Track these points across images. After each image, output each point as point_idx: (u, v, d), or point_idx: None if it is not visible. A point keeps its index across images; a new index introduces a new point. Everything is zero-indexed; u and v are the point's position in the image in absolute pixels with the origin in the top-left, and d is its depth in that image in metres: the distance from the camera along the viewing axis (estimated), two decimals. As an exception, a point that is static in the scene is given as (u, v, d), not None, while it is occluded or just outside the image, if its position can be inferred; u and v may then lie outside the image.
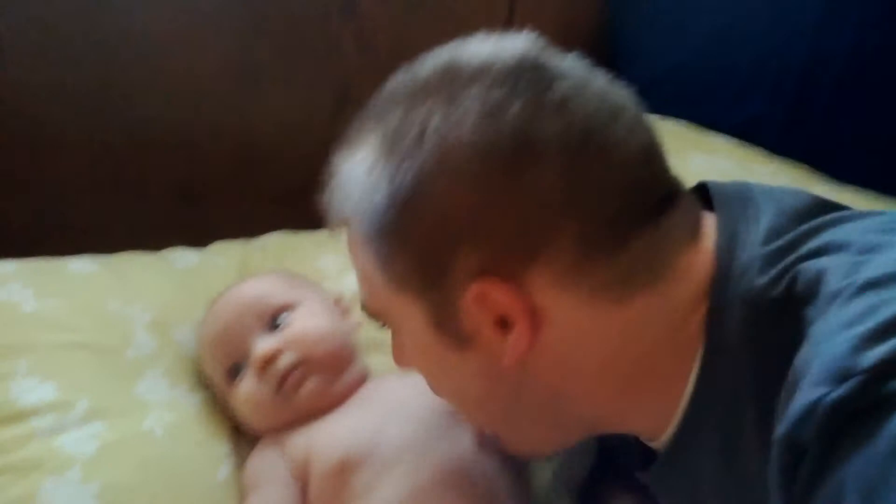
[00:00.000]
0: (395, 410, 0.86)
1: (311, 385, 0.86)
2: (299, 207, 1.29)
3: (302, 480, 0.84)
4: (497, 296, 0.59)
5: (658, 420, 0.64)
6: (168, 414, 0.88)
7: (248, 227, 1.18)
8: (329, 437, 0.85)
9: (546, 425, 0.67)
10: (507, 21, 1.28)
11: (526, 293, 0.59)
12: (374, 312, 0.69)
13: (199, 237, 1.13)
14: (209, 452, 0.88)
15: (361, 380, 0.91)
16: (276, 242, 1.12)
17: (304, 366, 0.86)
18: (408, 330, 0.66)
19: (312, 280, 1.00)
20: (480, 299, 0.59)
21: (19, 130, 1.16)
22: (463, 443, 0.85)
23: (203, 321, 0.94)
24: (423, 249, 0.60)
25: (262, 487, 0.84)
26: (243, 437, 0.91)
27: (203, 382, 0.94)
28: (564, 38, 1.33)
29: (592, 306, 0.59)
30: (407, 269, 0.62)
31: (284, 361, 0.86)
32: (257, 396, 0.87)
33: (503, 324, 0.60)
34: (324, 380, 0.87)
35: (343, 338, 0.91)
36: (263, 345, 0.87)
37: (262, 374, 0.86)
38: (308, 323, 0.89)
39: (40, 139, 1.19)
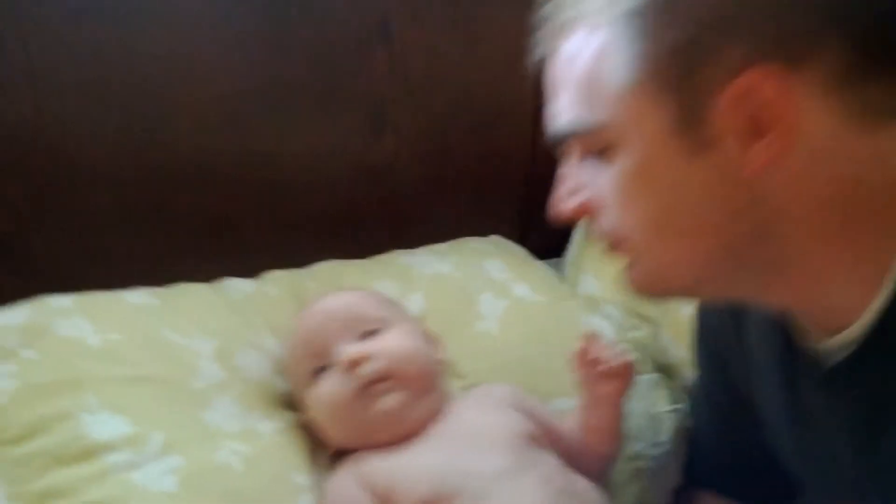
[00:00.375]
0: (478, 440, 0.84)
1: (391, 399, 0.85)
2: (334, 234, 1.29)
3: None
4: (760, 94, 0.56)
5: (854, 296, 0.60)
6: (243, 445, 0.85)
7: (281, 254, 1.15)
8: (415, 468, 0.82)
9: (729, 267, 0.63)
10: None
11: (788, 96, 0.56)
12: (586, 133, 0.64)
13: (232, 266, 1.11)
14: (287, 485, 0.84)
15: (441, 406, 0.89)
16: (327, 270, 1.10)
17: (390, 378, 0.85)
18: (634, 141, 0.61)
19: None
20: (741, 97, 0.56)
21: (47, 161, 1.14)
22: (550, 466, 0.84)
23: (298, 319, 0.93)
24: (686, 38, 0.57)
25: None
26: (322, 467, 0.88)
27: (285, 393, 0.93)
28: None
29: (846, 127, 0.56)
30: (661, 61, 0.58)
31: (372, 367, 0.85)
32: (337, 395, 0.85)
33: (752, 130, 0.57)
34: (405, 398, 0.85)
35: (430, 363, 0.91)
36: (354, 347, 0.86)
37: (348, 374, 0.85)
38: (400, 341, 0.88)
39: (68, 170, 1.16)
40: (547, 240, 1.31)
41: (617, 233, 0.66)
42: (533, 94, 1.32)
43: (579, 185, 0.68)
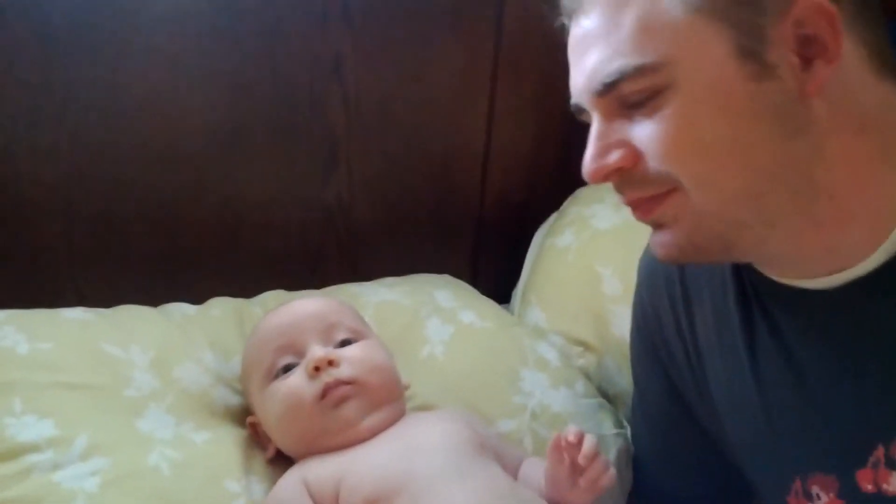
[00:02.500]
0: (424, 445, 0.84)
1: (351, 407, 0.85)
2: (289, 273, 1.28)
3: None
4: (814, 21, 0.61)
5: (866, 234, 0.66)
6: (174, 451, 0.83)
7: (236, 293, 1.14)
8: (360, 468, 0.81)
9: (778, 198, 0.66)
10: (492, 79, 1.31)
11: (835, 25, 0.61)
12: (640, 75, 0.64)
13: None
14: (219, 491, 0.82)
15: (394, 420, 0.88)
16: (273, 298, 1.09)
17: (355, 386, 0.85)
18: (696, 72, 0.63)
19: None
20: (798, 22, 0.61)
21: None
22: (495, 472, 0.83)
23: (269, 314, 0.93)
24: None
25: None
26: (255, 476, 0.86)
27: (243, 376, 0.92)
28: (548, 97, 1.38)
29: (865, 66, 0.65)
30: None
31: (340, 372, 0.85)
32: (299, 395, 0.85)
33: (806, 55, 0.62)
34: (365, 407, 0.85)
35: (395, 378, 0.91)
36: (325, 350, 0.86)
37: (314, 375, 0.85)
38: (369, 352, 0.89)
39: (16, 205, 1.16)
40: (497, 282, 1.32)
41: (664, 181, 0.66)
42: (484, 136, 1.36)
43: (614, 142, 0.67)
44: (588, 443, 0.80)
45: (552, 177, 1.38)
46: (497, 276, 1.35)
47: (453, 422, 0.88)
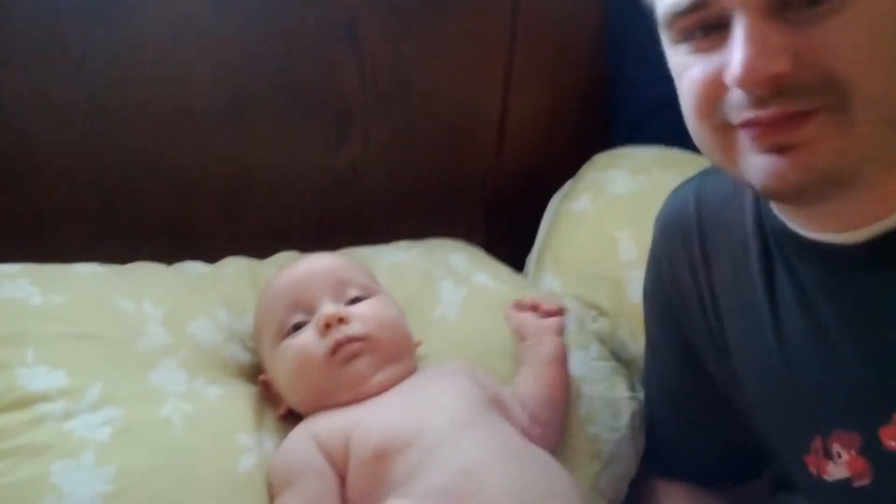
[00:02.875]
0: (434, 400, 0.84)
1: (362, 363, 0.85)
2: (300, 241, 1.27)
3: (340, 469, 0.80)
4: None
5: None
6: (186, 404, 0.83)
7: (245, 261, 1.14)
8: (370, 422, 0.81)
9: None
10: (509, 47, 1.30)
11: None
12: None
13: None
14: (230, 444, 0.82)
15: (407, 375, 0.89)
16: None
17: (366, 342, 0.85)
18: None
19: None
20: None
21: (6, 151, 1.13)
22: (503, 426, 0.83)
23: (282, 270, 0.93)
24: None
25: (299, 479, 0.79)
26: (267, 432, 0.86)
27: (254, 334, 0.93)
28: (564, 67, 1.37)
29: None
30: None
31: (351, 329, 0.85)
32: (310, 352, 0.85)
33: None
34: (376, 363, 0.86)
35: (406, 335, 0.91)
36: (335, 307, 0.86)
37: (324, 332, 0.85)
38: (380, 308, 0.89)
39: (22, 171, 1.15)
40: (511, 250, 1.31)
41: (822, 94, 0.60)
42: (500, 104, 1.35)
43: (777, 46, 0.60)
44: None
45: (568, 146, 1.37)
46: (511, 246, 1.33)
47: (462, 377, 0.88)
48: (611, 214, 1.15)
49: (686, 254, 0.84)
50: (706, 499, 0.93)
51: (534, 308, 0.95)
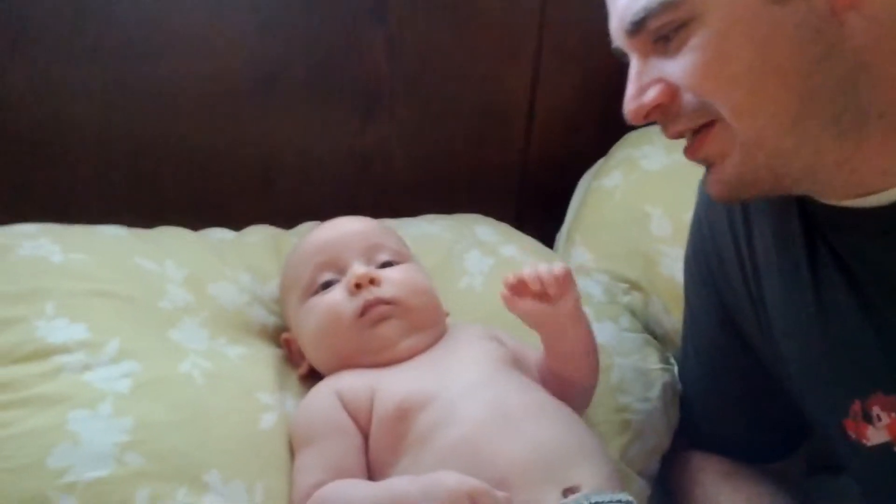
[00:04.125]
0: (458, 362, 0.82)
1: (390, 327, 0.83)
2: (324, 219, 1.26)
3: (363, 427, 0.78)
4: None
5: None
6: (207, 362, 0.81)
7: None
8: (394, 380, 0.80)
9: (820, 120, 0.64)
10: (538, 28, 1.28)
11: None
12: (667, 8, 0.64)
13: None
14: (251, 401, 0.81)
15: (431, 345, 0.87)
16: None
17: (395, 306, 0.84)
18: (718, 1, 0.62)
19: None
20: None
21: (33, 130, 1.12)
22: (523, 381, 0.82)
23: (312, 231, 0.92)
24: None
25: (321, 438, 0.78)
26: (289, 392, 0.84)
27: (281, 291, 0.92)
28: (593, 47, 1.34)
29: None
30: None
31: (381, 291, 0.84)
32: (338, 310, 0.83)
33: None
34: (402, 329, 0.84)
35: (436, 302, 0.89)
36: (366, 268, 0.85)
37: (354, 292, 0.83)
38: (412, 274, 0.88)
39: (54, 142, 1.14)
40: (541, 230, 1.29)
41: (701, 113, 0.67)
42: (529, 86, 1.33)
43: (651, 80, 0.68)
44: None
45: (596, 130, 1.34)
46: (541, 230, 1.30)
47: (486, 339, 0.87)
48: (643, 190, 1.13)
49: (728, 218, 0.83)
50: (741, 473, 0.90)
51: (536, 292, 0.81)
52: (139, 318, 0.83)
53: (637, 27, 0.66)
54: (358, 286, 0.83)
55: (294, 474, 0.77)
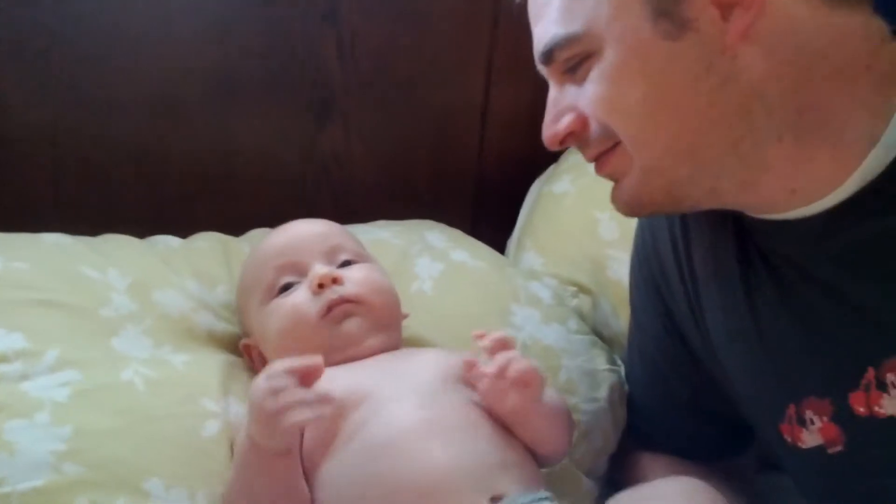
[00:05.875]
0: (408, 366, 0.83)
1: (353, 325, 0.84)
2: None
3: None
4: None
5: (832, 167, 0.65)
6: (149, 370, 0.81)
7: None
8: (337, 378, 0.79)
9: (718, 149, 0.66)
10: (492, 29, 1.29)
11: None
12: (568, 44, 0.67)
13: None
14: (194, 408, 0.80)
15: (392, 346, 0.87)
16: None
17: (357, 304, 0.84)
18: (617, 36, 0.65)
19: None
20: None
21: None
22: (467, 398, 0.80)
23: (271, 233, 0.92)
24: None
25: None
26: (234, 397, 0.84)
27: (238, 298, 0.92)
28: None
29: (811, 2, 0.63)
30: None
31: (344, 289, 0.84)
32: (303, 311, 0.83)
33: (725, 3, 0.62)
34: (366, 326, 0.84)
35: (396, 301, 0.90)
36: (328, 268, 0.85)
37: (318, 292, 0.84)
38: (373, 274, 0.88)
39: (6, 160, 1.14)
40: (497, 234, 1.29)
41: (607, 138, 0.69)
42: (483, 89, 1.34)
43: (565, 107, 0.71)
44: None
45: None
46: (496, 233, 1.31)
47: (447, 355, 0.86)
48: (592, 195, 1.14)
49: (668, 227, 0.85)
50: (691, 472, 0.91)
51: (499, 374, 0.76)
52: (80, 327, 0.82)
53: (547, 58, 0.69)
54: (321, 286, 0.84)
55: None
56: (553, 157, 1.28)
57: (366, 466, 0.71)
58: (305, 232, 0.91)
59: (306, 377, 0.70)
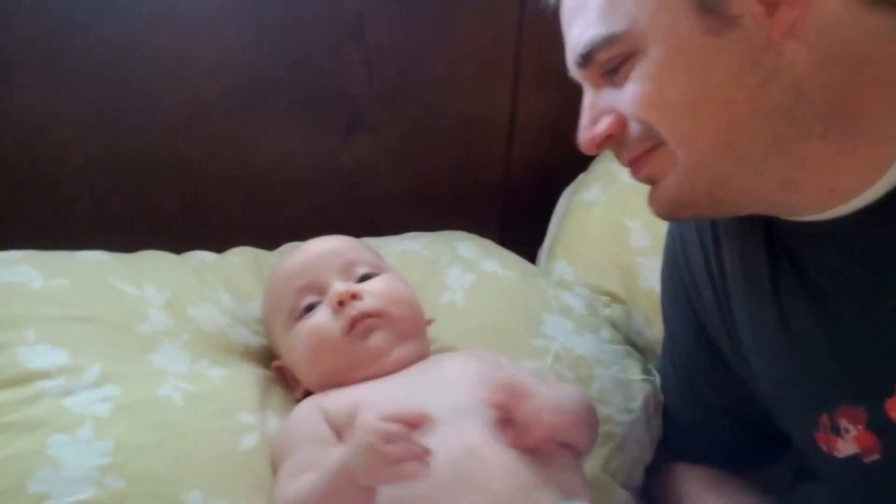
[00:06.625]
0: (445, 380, 0.83)
1: (378, 337, 0.84)
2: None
3: (344, 441, 0.78)
4: None
5: (867, 166, 0.65)
6: (187, 384, 0.82)
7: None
8: (377, 395, 0.80)
9: (760, 145, 0.66)
10: (518, 38, 1.29)
11: None
12: (609, 44, 0.66)
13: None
14: (232, 422, 0.81)
15: (421, 355, 0.87)
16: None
17: (380, 318, 0.84)
18: (660, 34, 0.65)
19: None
20: None
21: (20, 152, 1.13)
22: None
23: (287, 256, 0.92)
24: None
25: (300, 447, 0.78)
26: (271, 411, 0.85)
27: (264, 320, 0.92)
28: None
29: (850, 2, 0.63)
30: None
31: (365, 304, 0.84)
32: (326, 331, 0.84)
33: (770, 5, 0.62)
34: (391, 339, 0.85)
35: (419, 310, 0.90)
36: (346, 284, 0.85)
37: (338, 310, 0.84)
38: (392, 284, 0.88)
39: (45, 175, 1.15)
40: (524, 244, 1.29)
41: (648, 139, 0.68)
42: (509, 101, 1.34)
43: (601, 111, 0.70)
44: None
45: (577, 145, 1.35)
46: (523, 244, 1.31)
47: (479, 360, 0.86)
48: (622, 203, 1.14)
49: (699, 234, 0.84)
50: (726, 482, 0.91)
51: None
52: (119, 344, 0.83)
53: (585, 60, 0.68)
54: (341, 303, 0.84)
55: (273, 486, 0.77)
56: (581, 166, 1.29)
57: (414, 487, 0.71)
58: (320, 250, 0.91)
59: (412, 425, 0.70)
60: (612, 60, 0.67)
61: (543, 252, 1.22)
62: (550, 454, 0.78)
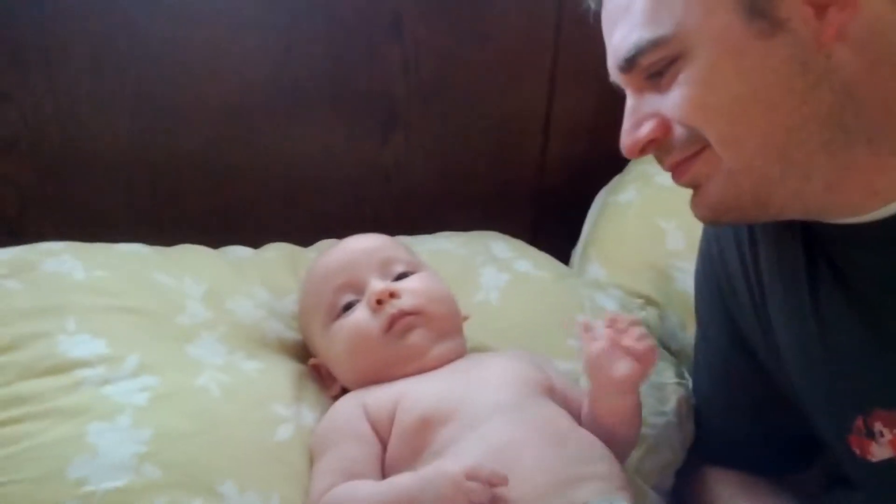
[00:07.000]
0: (485, 379, 0.83)
1: (417, 335, 0.84)
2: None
3: (383, 437, 0.80)
4: None
5: None
6: (224, 375, 0.83)
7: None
8: (418, 391, 0.81)
9: (809, 147, 0.65)
10: (554, 41, 1.29)
11: None
12: (656, 47, 0.66)
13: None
14: (267, 413, 0.82)
15: (459, 353, 0.88)
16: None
17: (418, 316, 0.85)
18: (708, 37, 0.64)
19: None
20: None
21: (60, 150, 1.14)
22: (552, 411, 0.81)
23: (323, 254, 0.93)
24: None
25: (338, 444, 0.79)
26: (306, 404, 0.86)
27: (301, 319, 0.93)
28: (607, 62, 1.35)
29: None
30: None
31: (403, 303, 0.85)
32: (365, 330, 0.84)
33: (821, 2, 0.62)
34: (430, 336, 0.85)
35: (456, 307, 0.90)
36: (384, 283, 0.86)
37: (377, 308, 0.84)
38: (429, 282, 0.88)
39: (81, 166, 1.17)
40: (557, 245, 1.29)
41: (692, 143, 0.68)
42: (546, 100, 1.34)
43: (644, 115, 0.70)
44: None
45: (613, 146, 1.34)
46: (558, 243, 1.31)
47: (519, 360, 0.87)
48: (658, 205, 1.14)
49: (735, 238, 0.84)
50: (758, 487, 0.90)
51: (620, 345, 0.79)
52: (157, 334, 0.85)
53: (629, 64, 0.68)
54: (379, 302, 0.84)
55: (310, 480, 0.78)
56: (617, 167, 1.28)
57: None
58: (357, 248, 0.91)
59: (492, 485, 0.70)
60: (657, 64, 0.67)
61: (577, 253, 1.22)
62: (592, 447, 0.78)
